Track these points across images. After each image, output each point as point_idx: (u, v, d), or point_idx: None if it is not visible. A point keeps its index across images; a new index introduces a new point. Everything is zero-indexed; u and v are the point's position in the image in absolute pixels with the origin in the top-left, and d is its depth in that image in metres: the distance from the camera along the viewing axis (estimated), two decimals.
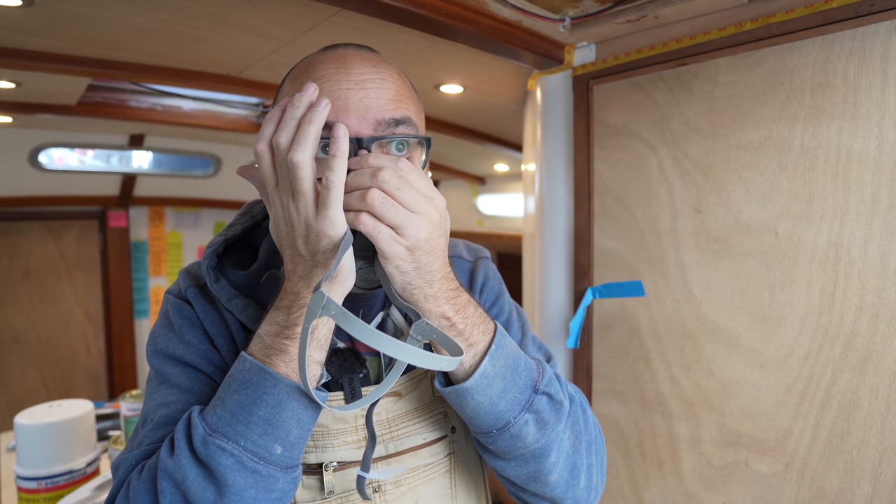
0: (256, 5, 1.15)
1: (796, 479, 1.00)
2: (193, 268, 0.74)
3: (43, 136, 2.57)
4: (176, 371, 0.66)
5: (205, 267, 0.69)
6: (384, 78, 0.63)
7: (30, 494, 1.27)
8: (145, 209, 3.44)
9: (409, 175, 0.55)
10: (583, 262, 1.32)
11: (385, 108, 0.62)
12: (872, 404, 0.91)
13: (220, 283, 0.68)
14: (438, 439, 0.73)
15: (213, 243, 0.71)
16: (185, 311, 0.69)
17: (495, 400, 0.61)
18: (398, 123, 0.62)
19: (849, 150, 0.92)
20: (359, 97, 0.61)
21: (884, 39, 0.87)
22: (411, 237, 0.55)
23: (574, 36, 1.23)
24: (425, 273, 0.57)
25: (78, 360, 3.30)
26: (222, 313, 0.68)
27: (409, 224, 0.54)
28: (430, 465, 0.72)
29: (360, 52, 0.65)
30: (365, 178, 0.55)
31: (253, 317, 0.66)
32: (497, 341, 0.62)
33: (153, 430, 0.62)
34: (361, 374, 0.68)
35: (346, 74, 0.62)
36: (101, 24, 1.25)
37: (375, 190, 0.53)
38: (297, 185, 0.54)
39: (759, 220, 1.03)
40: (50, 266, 3.18)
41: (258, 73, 1.66)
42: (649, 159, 1.18)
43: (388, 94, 0.62)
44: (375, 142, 0.61)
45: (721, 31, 1.05)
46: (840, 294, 0.94)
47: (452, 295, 0.60)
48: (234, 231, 0.74)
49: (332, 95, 0.60)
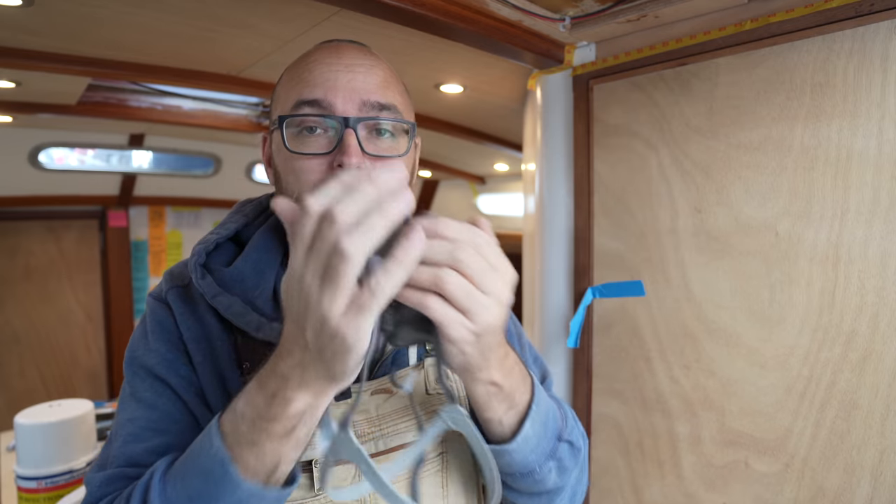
0: (257, 5, 1.15)
1: (796, 479, 1.00)
2: (178, 268, 0.73)
3: (43, 135, 2.57)
4: (144, 385, 0.66)
5: (192, 264, 0.68)
6: (373, 65, 0.67)
7: (30, 494, 1.27)
8: (145, 209, 3.44)
9: (487, 251, 0.49)
10: (583, 261, 1.32)
11: (371, 91, 0.64)
12: (872, 404, 0.91)
13: (206, 279, 0.67)
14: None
15: (205, 241, 0.71)
16: (160, 316, 0.69)
17: (527, 454, 0.61)
18: (383, 108, 0.65)
19: (849, 149, 0.92)
20: (347, 79, 0.64)
21: (884, 39, 0.87)
22: (482, 323, 0.49)
23: (574, 36, 1.23)
24: (485, 351, 0.53)
25: (78, 359, 3.30)
26: (203, 315, 0.67)
27: (481, 310, 0.49)
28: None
29: (353, 45, 0.69)
30: (442, 252, 0.47)
31: (237, 313, 0.65)
32: (536, 398, 0.61)
33: (120, 448, 0.62)
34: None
35: (337, 58, 0.65)
36: (101, 24, 1.25)
37: (454, 274, 0.47)
38: (334, 275, 0.42)
39: (759, 220, 1.03)
40: (50, 266, 3.18)
41: (258, 72, 1.66)
42: (649, 159, 1.18)
43: (375, 79, 0.66)
44: (361, 122, 0.63)
45: (721, 30, 1.05)
46: (840, 294, 0.94)
47: (502, 359, 0.57)
48: (226, 230, 0.74)
49: (322, 76, 0.63)
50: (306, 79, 0.65)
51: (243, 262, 0.70)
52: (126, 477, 0.60)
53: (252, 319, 0.65)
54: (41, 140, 2.57)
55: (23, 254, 3.09)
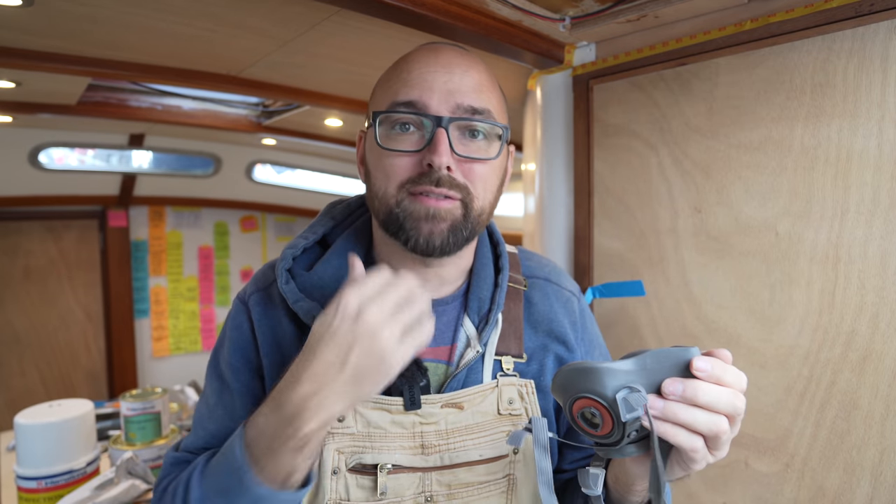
0: (256, 5, 1.15)
1: (796, 479, 1.00)
2: (264, 269, 0.77)
3: (43, 135, 2.57)
4: (212, 386, 0.74)
5: (280, 268, 0.71)
6: (470, 66, 0.67)
7: (30, 494, 1.27)
8: (145, 209, 3.44)
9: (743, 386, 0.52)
10: (583, 261, 1.32)
11: (466, 93, 0.65)
12: (872, 404, 0.91)
13: (290, 285, 0.70)
14: (497, 458, 0.70)
15: (293, 245, 0.74)
16: (238, 321, 0.73)
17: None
18: (476, 112, 0.65)
19: (849, 149, 0.92)
20: (443, 80, 0.64)
21: (884, 39, 0.87)
22: (721, 453, 0.52)
23: (574, 35, 1.23)
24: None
25: (78, 359, 3.30)
26: (281, 319, 0.70)
27: (726, 445, 0.51)
28: (486, 483, 0.69)
29: (453, 48, 0.70)
30: (724, 402, 0.49)
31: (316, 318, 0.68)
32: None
33: (188, 437, 0.74)
34: (422, 383, 0.67)
35: (435, 60, 0.66)
36: (101, 24, 1.25)
37: (726, 422, 0.50)
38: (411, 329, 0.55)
39: (759, 220, 1.03)
40: (50, 266, 3.18)
41: (258, 72, 1.66)
42: (649, 159, 1.18)
43: (471, 82, 0.66)
44: (453, 122, 0.63)
45: (721, 30, 1.05)
46: (840, 294, 0.94)
47: None
48: (314, 234, 0.76)
49: (419, 77, 0.64)
50: (404, 79, 0.66)
51: (323, 268, 0.72)
52: (186, 461, 0.70)
53: None
54: (41, 140, 2.57)
55: (23, 254, 3.09)
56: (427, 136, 0.64)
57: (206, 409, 0.73)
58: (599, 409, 0.52)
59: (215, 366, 0.74)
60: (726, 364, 0.51)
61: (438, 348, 0.72)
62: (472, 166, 0.65)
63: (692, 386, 0.49)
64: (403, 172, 0.64)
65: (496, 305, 0.72)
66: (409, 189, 0.64)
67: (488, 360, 0.71)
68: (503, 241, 0.80)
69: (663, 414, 0.49)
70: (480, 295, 0.74)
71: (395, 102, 0.65)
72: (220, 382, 0.73)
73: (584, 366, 0.53)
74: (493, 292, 0.74)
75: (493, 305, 0.72)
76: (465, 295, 0.75)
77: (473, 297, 0.73)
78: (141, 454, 1.38)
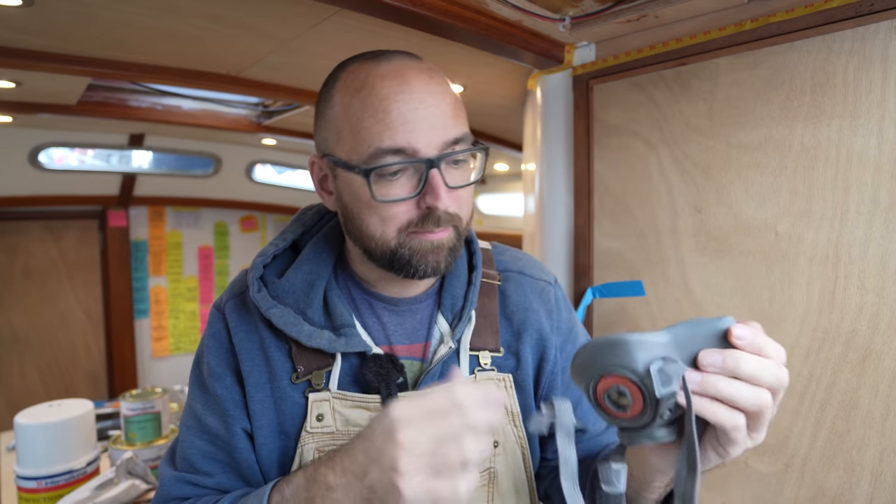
0: (256, 5, 1.15)
1: (796, 479, 1.00)
2: (239, 277, 0.77)
3: (43, 135, 2.57)
4: (196, 395, 0.73)
5: (251, 277, 0.71)
6: (441, 91, 0.64)
7: (30, 494, 1.27)
8: (145, 209, 3.44)
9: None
10: (583, 261, 1.32)
11: (448, 127, 0.63)
12: (872, 404, 0.91)
13: (261, 293, 0.70)
14: None
15: (263, 253, 0.74)
16: (215, 328, 0.73)
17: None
18: (457, 141, 0.64)
19: (849, 149, 0.92)
20: (423, 116, 0.61)
21: (884, 39, 0.87)
22: (760, 436, 0.49)
23: (574, 35, 1.23)
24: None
25: (78, 359, 3.30)
26: (257, 324, 0.71)
27: (766, 426, 0.48)
28: None
29: (413, 64, 0.65)
30: (768, 375, 0.46)
31: (290, 324, 0.68)
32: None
33: (181, 453, 0.72)
34: (399, 380, 0.68)
35: (408, 93, 0.62)
36: (101, 24, 1.25)
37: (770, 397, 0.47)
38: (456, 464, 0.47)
39: (759, 220, 1.03)
40: (50, 266, 3.18)
41: (258, 72, 1.66)
42: (649, 159, 1.18)
43: (448, 109, 0.64)
44: (443, 160, 0.62)
45: (721, 30, 1.05)
46: (840, 294, 0.94)
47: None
48: (284, 241, 0.76)
49: (399, 117, 0.61)
50: (382, 119, 0.61)
51: (294, 274, 0.72)
52: (187, 482, 0.70)
53: (304, 329, 0.68)
54: (41, 140, 2.57)
55: (22, 254, 3.09)
56: (421, 180, 0.62)
57: (194, 420, 0.72)
58: (629, 387, 0.46)
59: (198, 375, 0.74)
60: (767, 339, 0.48)
61: (413, 345, 0.73)
62: (459, 193, 0.66)
63: (733, 356, 0.45)
64: (403, 216, 0.64)
65: (469, 302, 0.73)
66: (409, 230, 0.64)
67: (464, 355, 0.72)
68: (476, 239, 0.81)
69: (702, 388, 0.44)
70: (454, 293, 0.75)
71: (380, 150, 0.61)
72: (203, 391, 0.73)
73: (611, 339, 0.47)
74: (467, 290, 0.75)
75: (467, 302, 0.73)
76: (438, 293, 0.76)
77: (447, 294, 0.75)
78: (141, 454, 1.38)
